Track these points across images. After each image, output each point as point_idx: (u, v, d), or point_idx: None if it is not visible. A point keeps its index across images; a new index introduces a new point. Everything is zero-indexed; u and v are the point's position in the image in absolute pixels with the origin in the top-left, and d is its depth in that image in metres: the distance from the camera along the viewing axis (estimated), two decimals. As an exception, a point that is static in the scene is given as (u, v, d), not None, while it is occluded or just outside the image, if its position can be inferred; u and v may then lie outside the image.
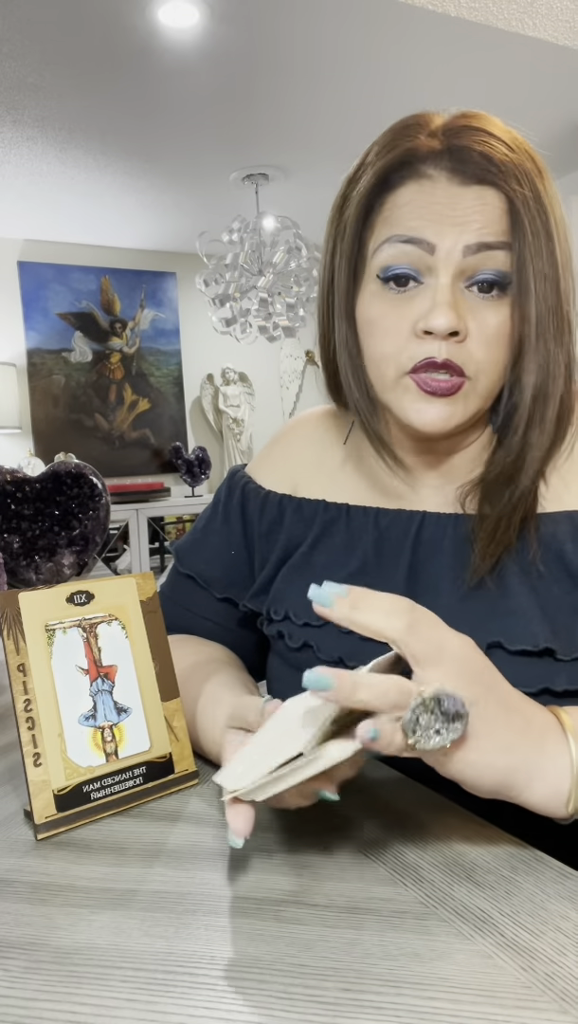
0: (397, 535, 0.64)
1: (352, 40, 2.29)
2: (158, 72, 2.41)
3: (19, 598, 0.54)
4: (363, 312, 0.59)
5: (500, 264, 0.54)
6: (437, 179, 0.55)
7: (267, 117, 2.79)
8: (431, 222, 0.55)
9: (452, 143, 0.55)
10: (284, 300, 3.37)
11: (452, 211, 0.54)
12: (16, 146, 2.87)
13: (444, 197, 0.55)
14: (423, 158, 0.56)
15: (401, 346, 0.57)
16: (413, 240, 0.55)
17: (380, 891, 0.43)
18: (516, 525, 0.59)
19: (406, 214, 0.56)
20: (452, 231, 0.54)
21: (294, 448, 0.74)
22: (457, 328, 0.54)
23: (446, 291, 0.54)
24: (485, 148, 0.54)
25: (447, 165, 0.55)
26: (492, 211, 0.54)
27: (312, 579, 0.66)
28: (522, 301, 0.55)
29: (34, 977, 0.37)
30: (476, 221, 0.54)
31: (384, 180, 0.57)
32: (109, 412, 4.29)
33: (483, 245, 0.54)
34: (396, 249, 0.56)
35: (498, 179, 0.54)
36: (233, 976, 0.37)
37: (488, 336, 0.55)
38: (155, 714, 0.57)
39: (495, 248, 0.54)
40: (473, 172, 0.54)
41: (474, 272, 0.55)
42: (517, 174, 0.54)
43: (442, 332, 0.54)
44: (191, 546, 0.77)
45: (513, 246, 0.54)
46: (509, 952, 0.37)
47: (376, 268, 0.57)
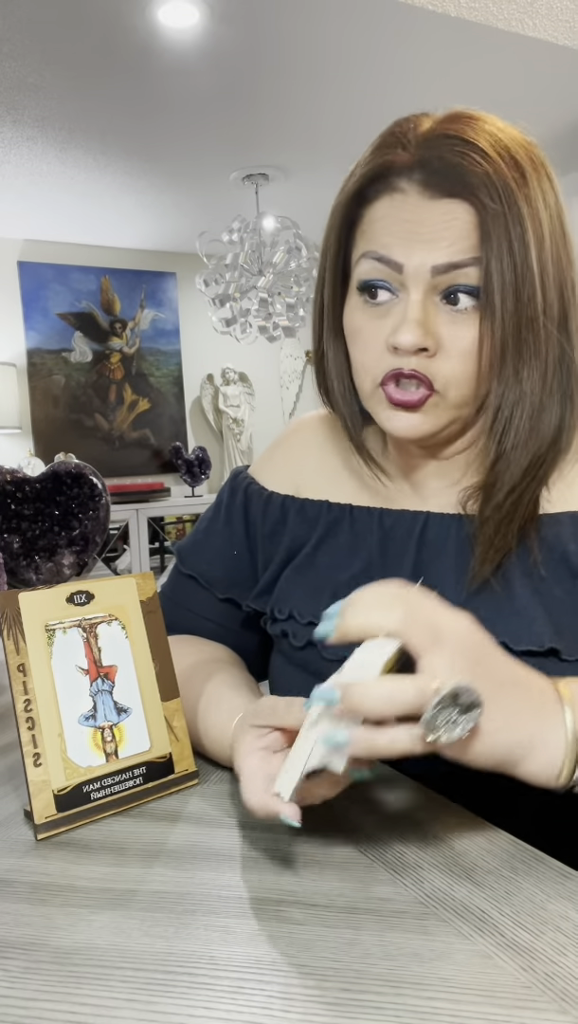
0: (401, 535, 0.64)
1: (352, 40, 2.29)
2: (158, 72, 2.41)
3: (19, 598, 0.54)
4: (347, 322, 0.61)
5: (471, 280, 0.54)
6: (409, 192, 0.55)
7: (267, 117, 2.79)
8: (400, 239, 0.55)
9: (424, 155, 0.54)
10: (284, 300, 3.37)
11: (421, 227, 0.54)
12: (16, 146, 2.87)
13: (414, 213, 0.54)
14: (397, 171, 0.56)
15: (376, 359, 0.58)
16: (382, 259, 0.56)
17: (380, 891, 0.43)
18: (514, 530, 0.58)
19: (379, 230, 0.56)
20: (421, 249, 0.54)
21: (296, 450, 0.74)
22: (424, 344, 0.55)
23: (416, 308, 0.55)
24: (457, 159, 0.53)
25: (419, 178, 0.54)
26: (461, 226, 0.53)
27: (316, 579, 0.66)
28: (489, 316, 0.54)
29: (34, 977, 0.37)
30: (445, 239, 0.54)
31: (360, 193, 0.58)
32: (109, 412, 4.29)
33: (451, 265, 0.54)
34: (369, 265, 0.57)
35: (467, 192, 0.53)
36: (233, 976, 0.37)
37: (460, 350, 0.55)
38: (155, 714, 0.57)
39: (464, 266, 0.54)
40: (443, 186, 0.54)
41: (446, 287, 0.55)
42: (489, 186, 0.52)
43: (408, 349, 0.55)
44: (193, 547, 0.77)
45: (481, 260, 0.53)
46: (509, 952, 0.37)
47: (356, 280, 0.59)
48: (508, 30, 2.25)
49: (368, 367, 0.59)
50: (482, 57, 2.42)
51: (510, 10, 2.19)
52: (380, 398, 0.59)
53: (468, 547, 0.61)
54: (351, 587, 0.64)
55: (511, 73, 2.55)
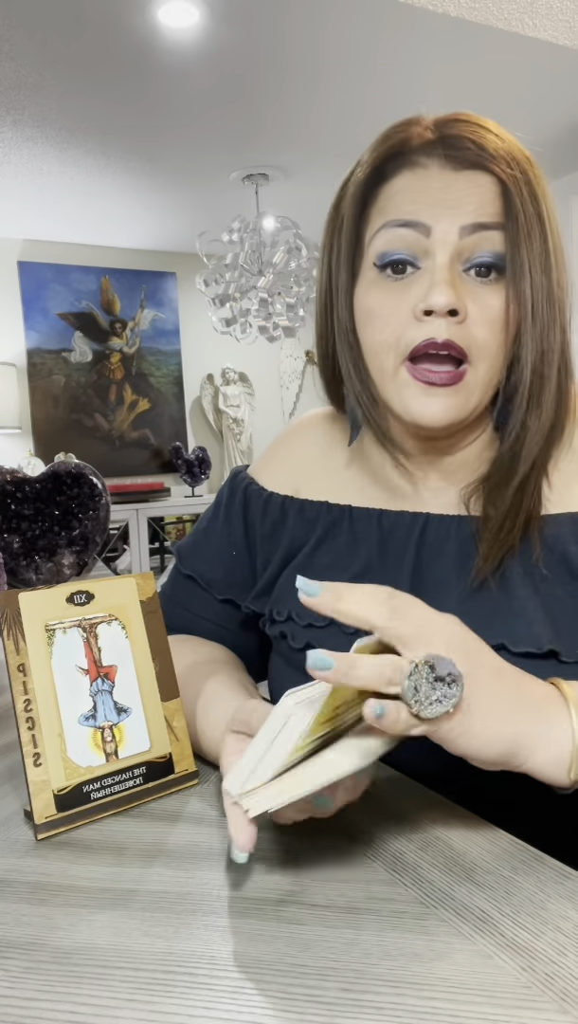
0: (401, 536, 0.64)
1: (352, 40, 2.29)
2: (158, 72, 2.41)
3: (19, 598, 0.54)
4: (361, 302, 0.59)
5: (496, 245, 0.55)
6: (430, 167, 0.56)
7: (267, 117, 2.79)
8: (426, 205, 0.55)
9: (443, 132, 0.56)
10: (284, 300, 3.37)
11: (446, 194, 0.55)
12: (16, 146, 2.87)
13: (438, 182, 0.56)
14: (416, 148, 0.57)
15: (400, 332, 0.57)
16: (409, 223, 0.56)
17: (380, 891, 0.43)
18: (520, 526, 0.58)
19: (401, 200, 0.56)
20: (447, 213, 0.55)
21: (296, 450, 0.74)
22: (456, 306, 0.54)
23: (445, 270, 0.55)
24: (476, 136, 0.55)
25: (440, 152, 0.56)
26: (485, 193, 0.55)
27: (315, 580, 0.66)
28: (517, 281, 0.55)
29: (34, 977, 0.37)
30: (470, 203, 0.55)
31: (378, 171, 0.58)
32: (109, 412, 4.29)
33: (478, 225, 0.54)
34: (392, 234, 0.56)
35: (490, 163, 0.55)
36: (233, 976, 0.37)
37: (489, 318, 0.55)
38: (155, 714, 0.57)
39: (490, 228, 0.55)
40: (465, 157, 0.55)
41: (471, 254, 0.55)
42: (508, 160, 0.55)
43: (442, 309, 0.54)
44: (192, 547, 0.77)
45: (507, 227, 0.55)
46: (509, 952, 0.37)
47: (373, 256, 0.58)
48: (508, 30, 2.25)
49: (389, 343, 0.57)
50: (482, 57, 2.42)
51: (510, 10, 2.19)
52: (405, 380, 0.57)
53: (468, 548, 0.61)
54: None
55: (511, 73, 2.55)
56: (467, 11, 2.16)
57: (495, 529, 0.58)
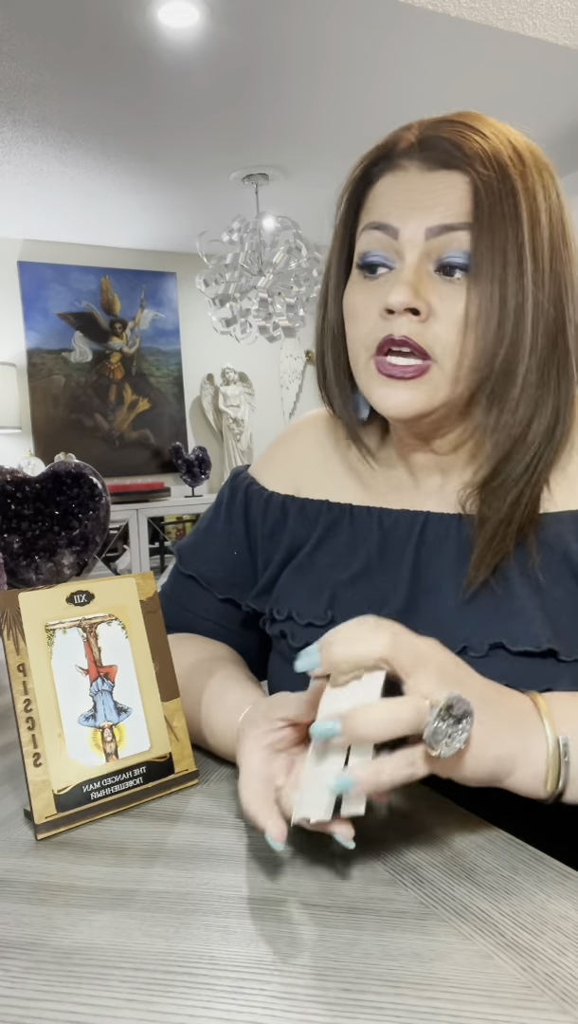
0: (401, 535, 0.64)
1: (352, 40, 2.28)
2: (158, 72, 2.41)
3: (19, 598, 0.54)
4: (346, 302, 0.62)
5: (463, 245, 0.55)
6: (409, 168, 0.58)
7: (267, 117, 2.79)
8: (399, 207, 0.57)
9: (425, 135, 0.58)
10: (284, 300, 3.37)
11: (420, 196, 0.56)
12: (16, 146, 2.87)
13: (413, 183, 0.57)
14: (399, 151, 0.59)
15: (369, 329, 0.58)
16: (380, 226, 0.58)
17: (380, 891, 0.43)
18: (513, 533, 0.58)
19: (380, 203, 0.58)
20: (416, 214, 0.56)
21: (297, 449, 0.74)
22: (414, 305, 0.55)
23: (409, 271, 0.56)
24: (456, 137, 0.56)
25: (418, 155, 0.57)
26: (456, 193, 0.55)
27: (315, 579, 0.66)
28: (476, 279, 0.55)
29: (34, 977, 0.37)
30: (440, 204, 0.55)
31: (365, 174, 0.61)
32: (109, 412, 4.29)
33: (444, 227, 0.55)
34: (369, 236, 0.58)
35: (464, 163, 0.55)
36: (233, 976, 0.37)
37: (452, 318, 0.56)
38: (155, 714, 0.57)
39: (456, 229, 0.55)
40: (440, 158, 0.56)
41: (440, 254, 0.56)
42: (485, 159, 0.55)
43: (398, 308, 0.55)
44: (193, 547, 0.77)
45: (473, 226, 0.55)
46: (509, 952, 0.37)
47: (357, 257, 0.60)
48: (508, 30, 2.25)
49: (361, 338, 0.59)
50: (482, 57, 2.42)
51: (510, 10, 2.19)
52: (372, 372, 0.59)
53: (468, 547, 0.61)
54: (350, 587, 0.64)
55: (511, 73, 2.55)
56: (467, 11, 2.16)
57: (489, 536, 0.58)
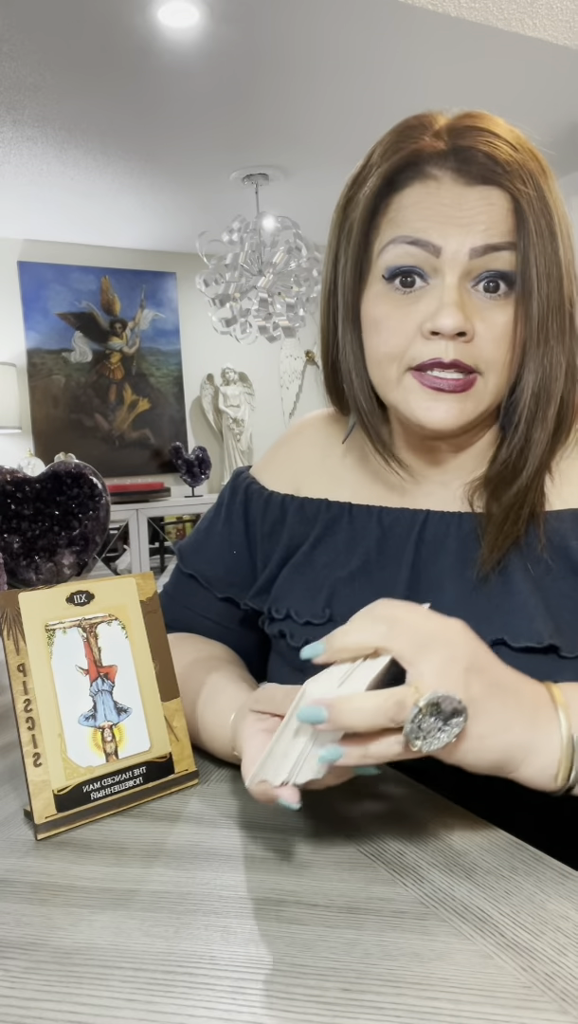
0: (400, 533, 0.64)
1: (352, 40, 2.28)
2: (158, 72, 2.41)
3: (19, 598, 0.54)
4: (368, 312, 0.59)
5: (506, 264, 0.55)
6: (442, 180, 0.55)
7: (267, 117, 2.79)
8: (437, 223, 0.55)
9: (456, 143, 0.55)
10: (284, 300, 3.37)
11: (457, 212, 0.54)
12: (16, 146, 2.87)
13: (449, 198, 0.55)
14: (428, 159, 0.56)
15: (405, 346, 0.57)
16: (418, 242, 0.55)
17: (380, 891, 0.43)
18: (524, 520, 0.59)
19: (412, 215, 0.56)
20: (457, 232, 0.54)
21: (298, 450, 0.75)
22: (464, 328, 0.54)
23: (453, 291, 0.54)
24: (490, 148, 0.54)
25: (452, 165, 0.55)
26: (497, 211, 0.54)
27: (314, 578, 0.66)
28: (526, 300, 0.55)
29: (34, 977, 0.37)
30: (481, 222, 0.54)
31: (390, 181, 0.57)
32: (109, 412, 4.29)
33: (489, 247, 0.54)
34: (401, 250, 0.56)
35: (503, 179, 0.54)
36: (233, 976, 0.37)
37: (496, 335, 0.56)
38: (155, 714, 0.57)
39: (501, 249, 0.54)
40: (478, 172, 0.54)
41: (481, 272, 0.55)
42: (521, 174, 0.54)
43: (449, 332, 0.54)
44: (194, 546, 0.77)
45: (518, 245, 0.54)
46: (509, 952, 0.37)
47: (381, 268, 0.58)
48: (508, 30, 2.25)
49: (394, 355, 0.58)
50: (482, 57, 2.42)
51: (510, 10, 2.19)
52: (411, 386, 0.58)
53: (469, 544, 0.61)
54: (348, 585, 0.65)
55: (511, 73, 2.55)
56: (467, 11, 2.16)
57: (499, 523, 0.59)
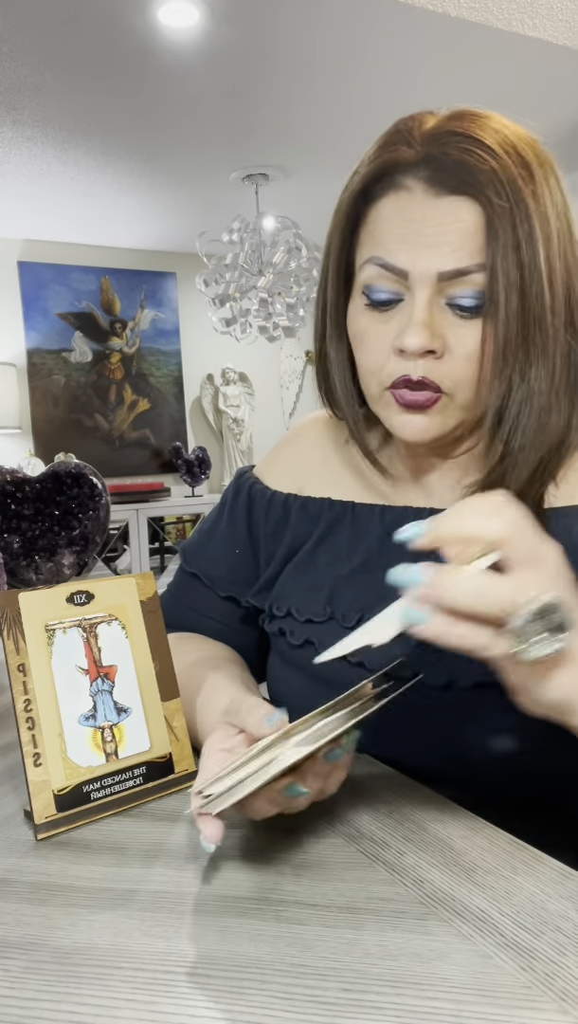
0: None
1: (352, 40, 2.28)
2: (158, 72, 2.41)
3: (19, 598, 0.54)
4: (351, 325, 0.60)
5: (476, 286, 0.53)
6: (414, 190, 0.54)
7: (267, 117, 2.79)
8: (406, 243, 0.54)
9: (429, 151, 0.54)
10: (284, 300, 3.37)
11: (426, 228, 0.53)
12: (16, 146, 2.87)
13: (419, 212, 0.54)
14: (403, 169, 0.55)
15: (382, 362, 0.58)
16: (387, 265, 0.55)
17: (380, 891, 0.43)
18: None
19: (385, 232, 0.56)
20: (426, 254, 0.54)
21: (300, 450, 0.75)
22: (431, 347, 0.54)
23: (422, 311, 0.54)
24: (463, 156, 0.53)
25: (424, 175, 0.54)
26: (466, 227, 0.53)
27: (316, 576, 0.66)
28: (492, 318, 0.54)
29: (34, 977, 0.37)
30: (450, 243, 0.53)
31: (365, 191, 0.57)
32: (109, 412, 4.29)
33: (458, 271, 0.53)
34: (374, 271, 0.56)
35: (474, 190, 0.52)
36: (233, 976, 0.37)
37: (466, 353, 0.55)
38: (155, 714, 0.57)
39: (471, 272, 0.53)
40: (448, 182, 0.53)
41: (452, 294, 0.54)
42: (496, 183, 0.52)
43: (415, 351, 0.54)
44: (197, 545, 0.77)
45: (486, 264, 0.53)
46: (509, 952, 0.37)
47: (361, 283, 0.58)
48: (508, 30, 2.25)
49: (374, 371, 0.59)
50: (482, 57, 2.42)
51: (510, 10, 2.19)
52: (388, 401, 0.59)
53: None
54: (350, 582, 0.65)
55: (511, 73, 2.54)
56: (467, 11, 2.16)
57: None
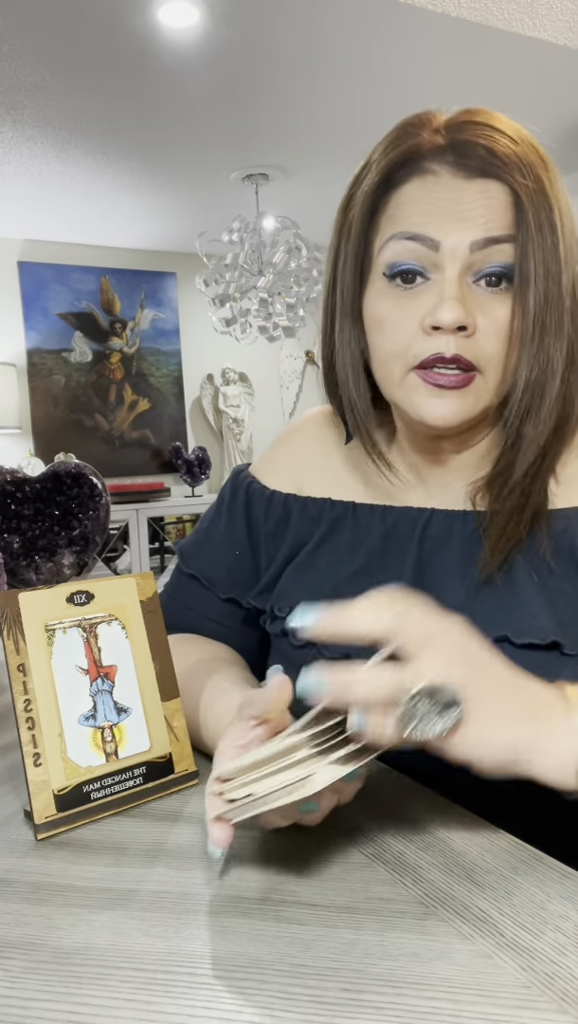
0: (404, 532, 0.64)
1: (352, 40, 2.28)
2: (158, 72, 2.41)
3: (19, 598, 0.54)
4: (370, 310, 0.59)
5: (507, 257, 0.54)
6: (440, 174, 0.55)
7: (267, 117, 2.79)
8: (435, 218, 0.55)
9: (455, 138, 0.55)
10: (284, 300, 3.37)
11: (456, 206, 0.54)
12: (16, 146, 2.87)
13: (448, 192, 0.55)
14: (426, 154, 0.56)
15: (408, 343, 0.57)
16: (417, 237, 0.55)
17: (380, 891, 0.43)
18: (526, 521, 0.59)
19: (410, 211, 0.56)
20: (457, 227, 0.54)
21: (298, 448, 0.74)
22: (465, 322, 0.54)
23: (454, 285, 0.54)
24: (488, 142, 0.54)
25: (450, 160, 0.55)
26: (497, 204, 0.54)
27: (317, 577, 0.66)
28: (523, 293, 0.55)
29: (34, 977, 0.37)
30: (481, 216, 0.54)
31: (388, 178, 0.57)
32: (109, 412, 4.29)
33: (490, 240, 0.54)
34: (401, 246, 0.56)
35: (502, 172, 0.54)
36: (233, 976, 0.37)
37: (496, 329, 0.55)
38: (155, 714, 0.57)
39: (502, 242, 0.54)
40: (476, 165, 0.54)
41: (481, 266, 0.55)
42: (521, 166, 0.54)
43: (450, 326, 0.54)
44: (195, 546, 0.77)
45: (517, 238, 0.54)
46: (509, 952, 0.37)
47: (382, 266, 0.58)
48: (508, 30, 2.25)
49: (398, 353, 0.58)
50: (482, 57, 2.42)
51: (510, 10, 2.19)
52: (414, 384, 0.58)
53: (472, 543, 0.61)
54: (352, 583, 0.64)
55: (511, 73, 2.55)
56: (467, 11, 2.16)
57: (502, 524, 0.59)
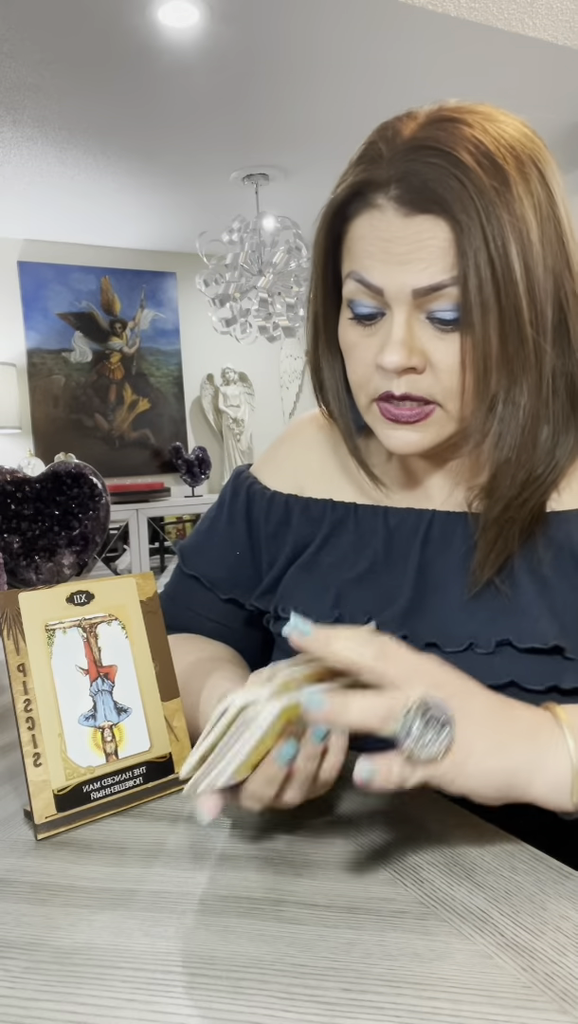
0: (406, 534, 0.64)
1: (352, 40, 2.28)
2: (158, 72, 2.41)
3: (19, 598, 0.54)
4: (341, 336, 0.61)
5: (452, 300, 0.53)
6: (385, 209, 0.54)
7: (267, 117, 2.79)
8: (378, 262, 0.54)
9: (400, 170, 0.53)
10: (284, 300, 3.37)
11: (398, 247, 0.53)
12: (16, 146, 2.87)
13: (390, 231, 0.53)
14: (375, 188, 0.54)
15: (368, 376, 0.58)
16: (364, 282, 0.56)
17: (380, 891, 0.43)
18: (516, 534, 0.58)
19: (359, 251, 0.56)
20: (399, 272, 0.53)
21: (299, 448, 0.74)
22: (409, 364, 0.54)
23: (400, 329, 0.54)
24: (434, 174, 0.51)
25: (394, 194, 0.53)
26: (437, 244, 0.52)
27: (321, 578, 0.66)
28: (469, 331, 0.53)
29: (34, 977, 0.37)
30: (421, 259, 0.52)
31: (341, 212, 0.58)
32: (109, 412, 4.28)
33: (431, 288, 0.53)
34: (355, 286, 0.57)
35: (444, 206, 0.51)
36: (233, 976, 0.37)
37: (449, 366, 0.55)
38: (155, 714, 0.57)
39: (444, 286, 0.53)
40: (417, 202, 0.52)
41: (430, 308, 0.54)
42: (464, 200, 0.50)
43: (392, 369, 0.54)
44: (195, 547, 0.77)
45: (458, 278, 0.52)
46: (509, 952, 0.37)
47: (346, 297, 0.58)
48: (508, 30, 2.25)
49: (361, 384, 0.59)
50: (482, 57, 2.42)
51: (510, 10, 2.19)
52: (376, 415, 0.60)
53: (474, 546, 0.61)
54: (356, 586, 0.65)
55: (511, 73, 2.54)
56: (467, 11, 2.16)
57: (491, 538, 0.58)
